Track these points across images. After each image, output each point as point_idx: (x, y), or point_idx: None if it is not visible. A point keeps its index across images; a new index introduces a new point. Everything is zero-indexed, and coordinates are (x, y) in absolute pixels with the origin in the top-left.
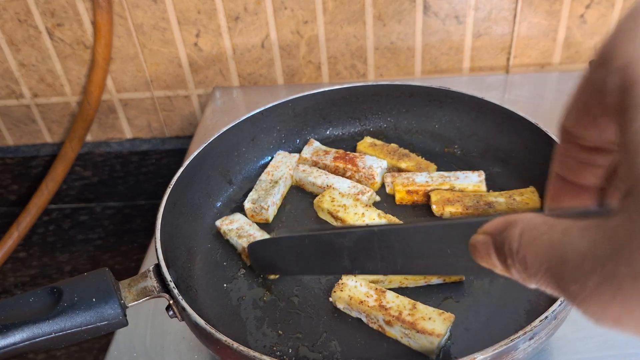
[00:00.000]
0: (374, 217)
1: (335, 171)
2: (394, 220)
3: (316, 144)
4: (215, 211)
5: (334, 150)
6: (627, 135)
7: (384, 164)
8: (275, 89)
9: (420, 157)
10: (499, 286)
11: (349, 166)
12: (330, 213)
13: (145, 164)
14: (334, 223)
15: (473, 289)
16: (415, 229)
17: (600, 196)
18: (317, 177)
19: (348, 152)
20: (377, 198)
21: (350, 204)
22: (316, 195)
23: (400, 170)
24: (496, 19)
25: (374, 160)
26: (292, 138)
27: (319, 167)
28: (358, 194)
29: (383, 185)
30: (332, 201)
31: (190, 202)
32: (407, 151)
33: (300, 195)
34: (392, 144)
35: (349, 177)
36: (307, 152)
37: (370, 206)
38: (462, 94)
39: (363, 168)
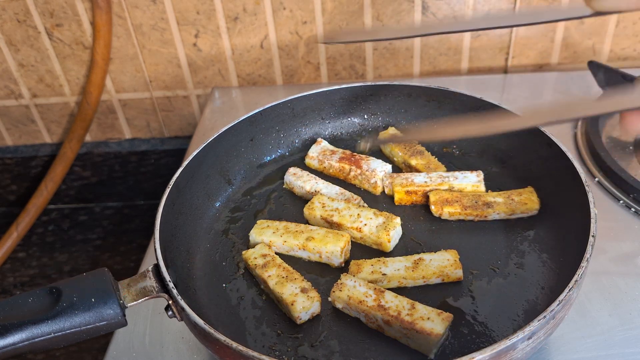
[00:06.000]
0: (370, 217)
1: (341, 171)
2: (391, 216)
3: (324, 143)
4: (214, 211)
5: (340, 150)
6: None
7: (388, 168)
8: (274, 89)
9: (434, 157)
10: (498, 286)
11: (354, 167)
12: (324, 219)
13: (144, 164)
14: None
15: (472, 289)
16: None
17: None
18: (306, 182)
19: (354, 154)
20: (364, 205)
21: (342, 207)
22: (305, 200)
23: (409, 166)
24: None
25: (378, 163)
26: (291, 138)
27: (325, 167)
28: (346, 201)
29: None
30: (323, 207)
31: (189, 202)
32: (423, 149)
33: (294, 198)
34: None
35: (353, 178)
36: (314, 151)
37: (364, 206)
38: (461, 94)
39: (367, 171)
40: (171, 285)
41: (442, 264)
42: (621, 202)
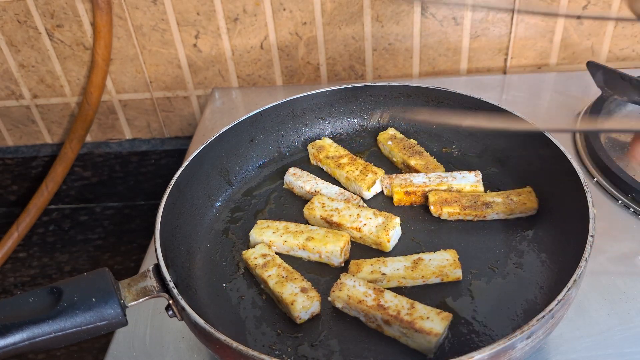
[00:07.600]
0: (370, 217)
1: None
2: (391, 216)
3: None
4: (214, 211)
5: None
6: None
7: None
8: (274, 89)
9: (433, 157)
10: (497, 285)
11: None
12: (324, 219)
13: (144, 164)
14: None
15: (471, 289)
16: None
17: None
18: (306, 182)
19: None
20: (364, 205)
21: (342, 207)
22: (305, 200)
23: (408, 166)
24: (493, 20)
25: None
26: (291, 138)
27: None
28: (345, 201)
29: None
30: (322, 207)
31: (189, 202)
32: (422, 149)
33: (294, 198)
34: (412, 140)
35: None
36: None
37: (363, 206)
38: (460, 95)
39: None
40: (171, 285)
41: (441, 263)
42: (620, 202)
